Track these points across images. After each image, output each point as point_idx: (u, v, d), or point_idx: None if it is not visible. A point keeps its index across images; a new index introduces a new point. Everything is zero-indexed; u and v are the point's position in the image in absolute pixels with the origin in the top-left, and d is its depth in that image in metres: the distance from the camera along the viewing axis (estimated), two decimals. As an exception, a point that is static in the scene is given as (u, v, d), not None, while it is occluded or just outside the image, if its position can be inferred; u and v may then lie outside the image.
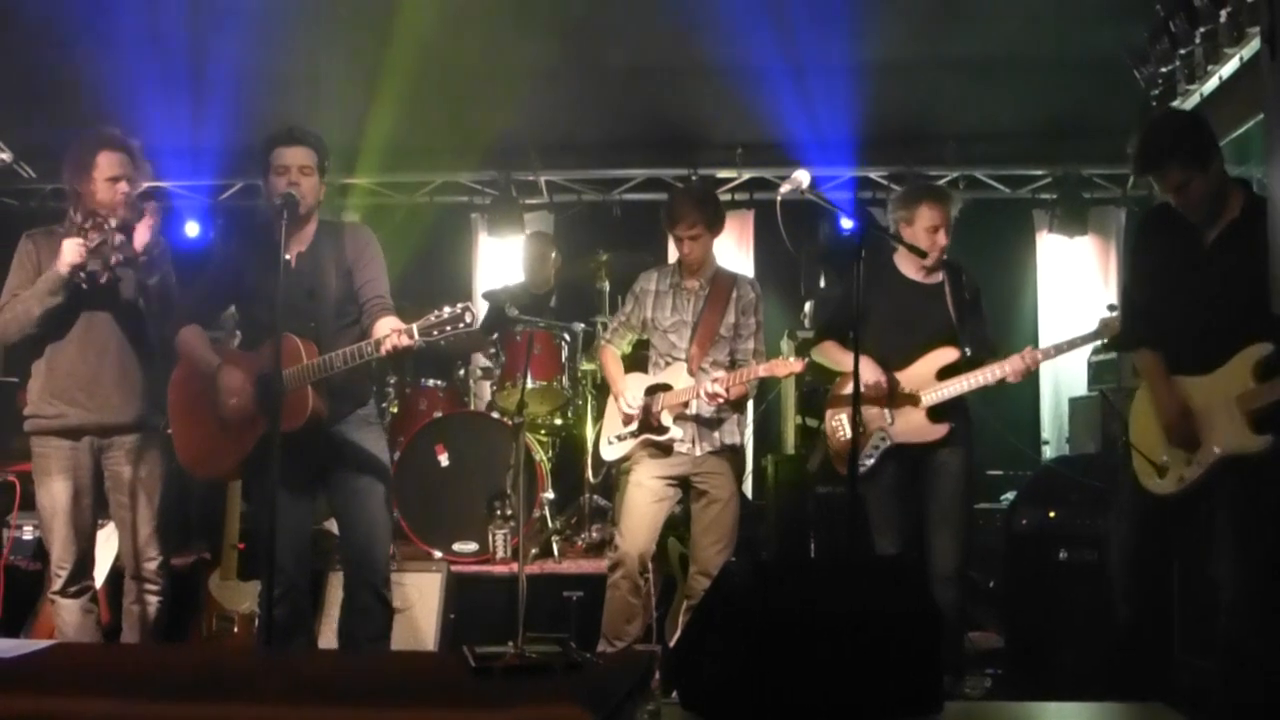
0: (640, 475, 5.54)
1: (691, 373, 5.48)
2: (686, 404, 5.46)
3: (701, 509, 5.52)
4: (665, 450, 5.51)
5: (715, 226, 5.57)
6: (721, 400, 5.35)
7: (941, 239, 5.32)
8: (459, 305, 4.42)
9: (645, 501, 5.50)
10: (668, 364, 5.58)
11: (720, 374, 5.39)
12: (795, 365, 5.38)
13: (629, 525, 5.52)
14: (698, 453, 5.49)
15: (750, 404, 8.48)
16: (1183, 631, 4.55)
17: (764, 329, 5.67)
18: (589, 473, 7.15)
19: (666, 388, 5.51)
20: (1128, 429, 4.66)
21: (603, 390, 6.64)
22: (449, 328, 4.41)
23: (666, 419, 5.47)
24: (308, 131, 4.82)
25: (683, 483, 5.56)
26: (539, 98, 7.85)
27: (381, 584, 4.87)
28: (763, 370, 5.38)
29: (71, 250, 4.83)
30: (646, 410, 5.51)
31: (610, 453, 5.71)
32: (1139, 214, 5.07)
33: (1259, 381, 4.20)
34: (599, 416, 6.54)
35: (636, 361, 5.90)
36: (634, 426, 5.55)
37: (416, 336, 4.41)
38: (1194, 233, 4.40)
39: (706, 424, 5.50)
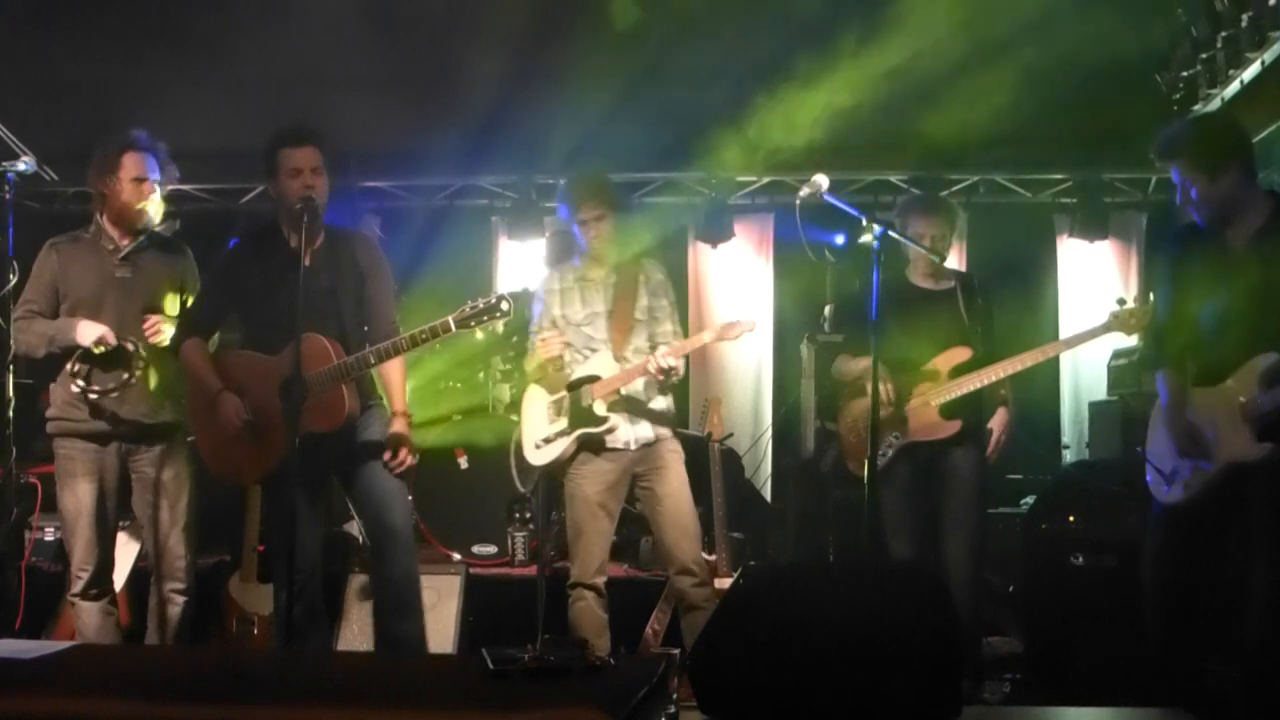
0: (583, 489, 5.35)
1: (618, 359, 5.34)
2: (617, 390, 5.30)
3: (654, 507, 5.36)
4: (600, 452, 5.32)
5: (619, 208, 5.50)
6: (676, 371, 5.22)
7: (937, 244, 5.41)
8: (494, 295, 4.50)
9: (591, 518, 5.33)
10: (587, 357, 5.41)
11: (665, 347, 5.26)
12: (748, 324, 5.23)
13: (580, 546, 5.36)
14: (634, 446, 5.33)
15: (768, 408, 8.54)
16: (1204, 637, 4.54)
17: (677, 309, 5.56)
18: (516, 483, 6.86)
19: (594, 379, 5.33)
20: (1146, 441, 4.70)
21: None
22: (485, 317, 4.48)
23: (600, 408, 5.29)
24: (313, 130, 4.84)
25: (625, 483, 5.40)
26: (559, 101, 7.85)
27: (404, 551, 4.86)
28: (708, 336, 5.26)
29: (91, 336, 4.92)
30: (575, 403, 5.32)
31: (540, 456, 5.44)
32: (1171, 231, 5.10)
33: (1264, 390, 4.24)
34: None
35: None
36: (563, 424, 5.35)
37: (453, 328, 4.47)
38: (1220, 241, 4.41)
39: (640, 412, 5.36)
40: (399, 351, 4.63)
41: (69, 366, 4.99)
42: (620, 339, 5.38)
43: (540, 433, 5.44)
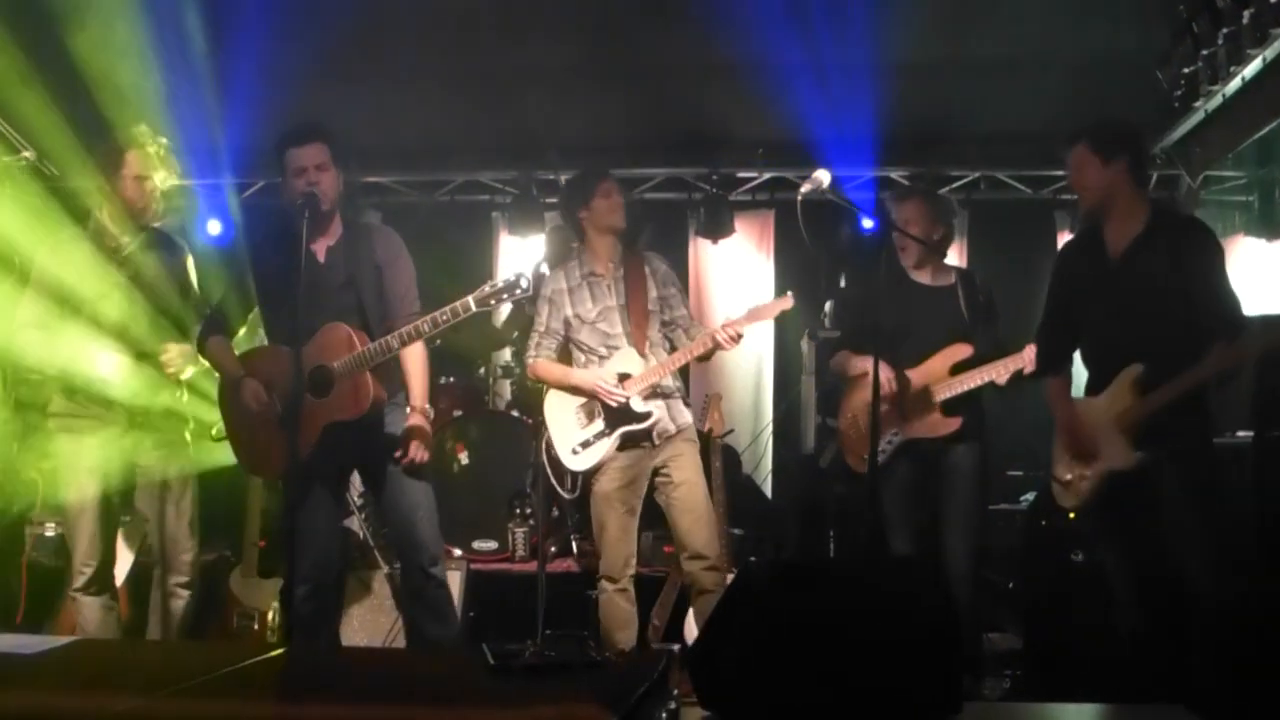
0: (606, 487, 5.37)
1: (642, 353, 5.37)
2: (655, 384, 5.32)
3: (670, 495, 5.38)
4: (626, 447, 5.34)
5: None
6: (739, 339, 5.24)
7: (913, 232, 5.40)
8: (514, 274, 4.51)
9: (616, 516, 5.36)
10: (606, 355, 5.42)
11: (731, 320, 5.25)
12: (786, 302, 5.25)
13: (604, 543, 5.41)
14: (656, 441, 5.35)
15: (769, 404, 8.55)
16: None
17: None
18: (560, 489, 6.50)
19: (624, 375, 5.34)
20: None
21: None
22: (505, 295, 4.49)
23: (638, 403, 5.29)
24: (317, 127, 4.83)
25: (645, 477, 5.40)
26: (560, 96, 7.85)
27: (429, 562, 4.87)
28: (763, 311, 5.26)
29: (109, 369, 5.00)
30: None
31: (580, 461, 5.40)
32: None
33: (1137, 399, 4.38)
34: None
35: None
36: (599, 425, 5.36)
37: (474, 308, 4.47)
38: (1102, 251, 4.55)
39: (670, 401, 5.41)
40: (420, 335, 4.59)
41: None
42: (639, 332, 5.40)
43: (575, 437, 5.42)
